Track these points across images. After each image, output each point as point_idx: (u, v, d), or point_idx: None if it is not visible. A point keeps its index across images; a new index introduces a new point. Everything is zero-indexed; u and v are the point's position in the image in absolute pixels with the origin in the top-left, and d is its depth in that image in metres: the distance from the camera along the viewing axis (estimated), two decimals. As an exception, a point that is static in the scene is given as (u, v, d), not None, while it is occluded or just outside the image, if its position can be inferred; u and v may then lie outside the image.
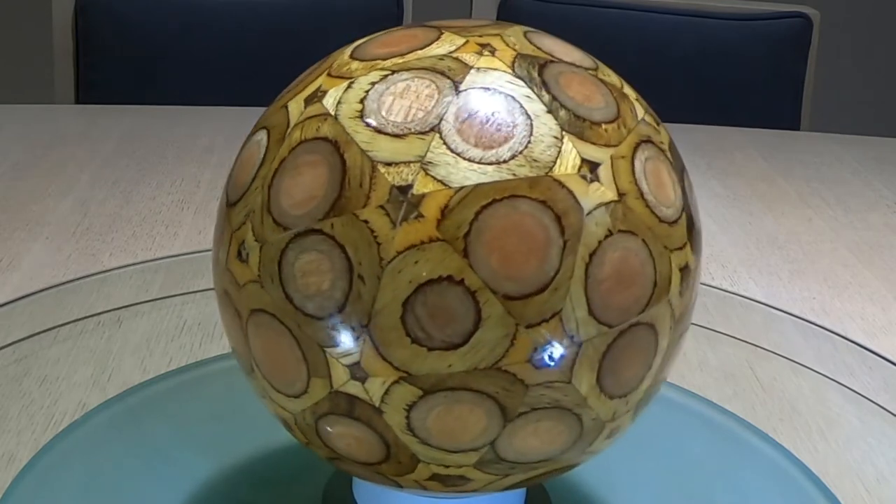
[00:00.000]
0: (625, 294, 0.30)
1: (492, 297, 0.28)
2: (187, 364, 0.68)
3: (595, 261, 0.29)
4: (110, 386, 0.58)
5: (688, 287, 0.33)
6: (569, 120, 0.30)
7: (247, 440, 0.52)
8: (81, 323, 0.60)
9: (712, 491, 0.48)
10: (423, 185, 0.29)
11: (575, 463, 0.36)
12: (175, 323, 0.64)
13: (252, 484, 0.47)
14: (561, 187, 0.29)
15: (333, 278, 0.29)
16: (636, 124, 0.32)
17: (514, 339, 0.29)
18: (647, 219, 0.30)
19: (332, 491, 0.46)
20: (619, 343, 0.30)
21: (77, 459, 0.49)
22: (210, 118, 1.12)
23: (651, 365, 0.32)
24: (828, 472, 0.50)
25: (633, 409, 0.34)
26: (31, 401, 0.61)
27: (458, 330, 0.29)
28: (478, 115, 0.30)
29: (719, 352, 0.69)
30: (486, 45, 0.32)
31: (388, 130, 0.30)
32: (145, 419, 0.56)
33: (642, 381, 0.33)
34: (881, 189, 1.05)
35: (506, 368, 0.29)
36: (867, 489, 0.49)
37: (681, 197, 0.33)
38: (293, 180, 0.30)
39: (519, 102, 0.30)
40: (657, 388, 0.35)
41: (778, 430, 0.55)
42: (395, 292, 0.29)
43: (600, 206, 0.29)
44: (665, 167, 0.32)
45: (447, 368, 0.29)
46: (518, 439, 0.31)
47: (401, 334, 0.29)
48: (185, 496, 0.45)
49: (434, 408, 0.30)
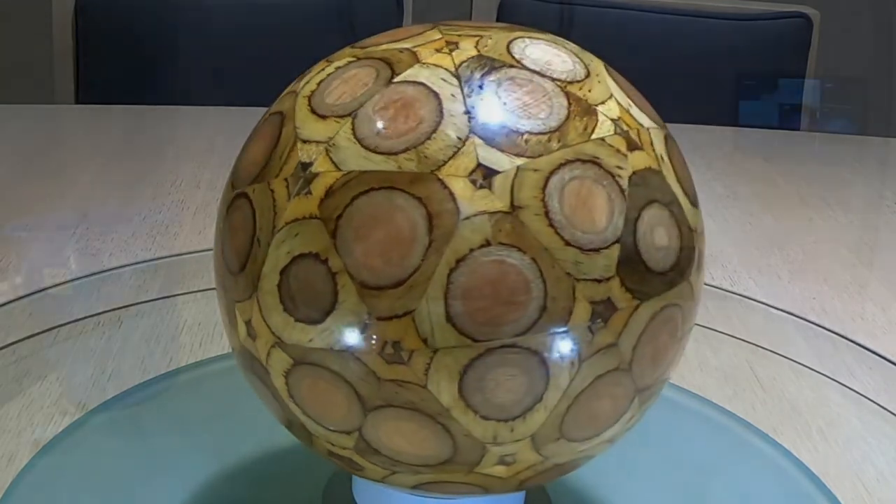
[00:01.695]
0: (497, 310, 0.28)
1: (349, 283, 0.29)
2: (187, 364, 0.68)
3: (462, 268, 0.28)
4: (110, 386, 0.58)
5: (609, 328, 0.29)
6: (485, 124, 0.30)
7: (247, 440, 0.52)
8: (81, 323, 0.60)
9: (712, 491, 0.48)
10: (321, 164, 0.30)
11: (468, 483, 0.33)
12: (175, 323, 0.64)
13: (252, 484, 0.47)
14: (443, 188, 0.28)
15: (244, 238, 0.32)
16: (582, 142, 0.30)
17: (365, 328, 0.29)
18: (545, 238, 0.28)
19: (332, 491, 0.46)
20: (488, 361, 0.29)
21: (77, 459, 0.49)
22: (210, 118, 1.12)
23: (540, 397, 0.30)
24: (828, 473, 0.50)
25: (529, 441, 0.31)
26: (31, 401, 0.61)
27: (318, 307, 0.29)
28: (393, 107, 0.30)
29: (719, 352, 0.69)
30: (454, 43, 0.32)
31: (318, 111, 0.32)
32: (145, 419, 0.56)
33: (529, 411, 0.30)
34: (881, 189, 1.05)
35: (358, 356, 0.29)
36: (867, 489, 0.49)
37: (618, 228, 0.30)
38: (252, 145, 0.34)
39: (440, 100, 0.30)
40: (576, 427, 0.31)
41: (778, 431, 0.55)
42: (277, 260, 0.30)
43: (482, 213, 0.28)
44: (603, 192, 0.30)
45: (308, 342, 0.30)
46: (383, 434, 0.31)
47: (276, 301, 0.31)
48: (185, 496, 0.45)
49: (303, 378, 0.31)
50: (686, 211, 0.33)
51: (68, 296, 0.56)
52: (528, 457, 0.32)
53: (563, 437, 0.32)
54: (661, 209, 0.31)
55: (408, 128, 0.30)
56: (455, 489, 0.34)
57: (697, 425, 0.55)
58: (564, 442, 0.32)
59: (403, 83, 0.31)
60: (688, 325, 0.34)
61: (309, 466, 0.49)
